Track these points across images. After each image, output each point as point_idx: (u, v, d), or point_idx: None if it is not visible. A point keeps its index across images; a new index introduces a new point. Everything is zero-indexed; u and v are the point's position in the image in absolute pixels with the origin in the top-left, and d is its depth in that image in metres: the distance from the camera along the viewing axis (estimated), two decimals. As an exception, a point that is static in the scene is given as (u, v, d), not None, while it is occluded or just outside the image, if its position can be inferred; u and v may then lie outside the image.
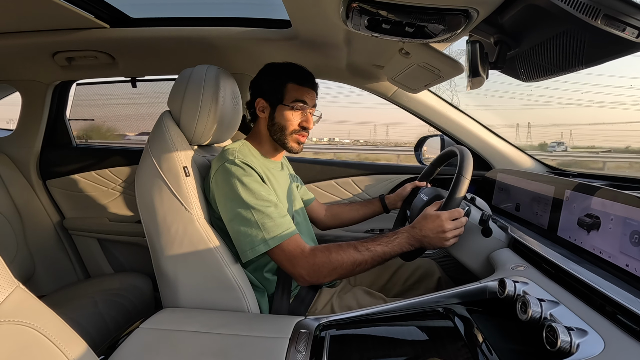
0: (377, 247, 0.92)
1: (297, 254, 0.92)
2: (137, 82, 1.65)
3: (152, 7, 1.30)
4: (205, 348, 0.76)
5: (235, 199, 0.94)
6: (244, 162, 0.97)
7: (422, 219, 0.95)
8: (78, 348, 0.54)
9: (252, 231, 0.92)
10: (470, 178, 0.96)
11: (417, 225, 0.95)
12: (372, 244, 0.93)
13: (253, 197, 0.93)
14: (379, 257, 0.92)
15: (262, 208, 0.93)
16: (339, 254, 0.91)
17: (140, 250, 1.74)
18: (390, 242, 0.94)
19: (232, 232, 0.96)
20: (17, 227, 1.58)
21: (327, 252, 0.92)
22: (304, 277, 0.92)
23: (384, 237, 0.95)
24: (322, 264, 0.91)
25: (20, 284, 0.52)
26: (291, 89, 1.06)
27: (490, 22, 0.73)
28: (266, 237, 0.91)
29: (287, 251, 0.92)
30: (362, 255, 0.91)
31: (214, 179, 0.99)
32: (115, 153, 1.74)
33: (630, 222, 0.69)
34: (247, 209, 0.93)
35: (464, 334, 0.71)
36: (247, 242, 0.92)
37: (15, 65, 1.53)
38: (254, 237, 0.92)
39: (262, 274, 1.04)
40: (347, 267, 0.91)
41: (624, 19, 0.53)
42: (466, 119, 1.52)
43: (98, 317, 1.21)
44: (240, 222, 0.93)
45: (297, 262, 0.92)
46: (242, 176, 0.95)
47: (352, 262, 0.91)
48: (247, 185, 0.94)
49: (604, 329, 0.58)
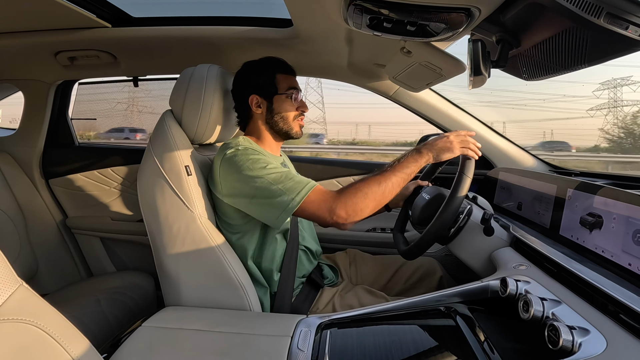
0: (393, 166, 0.97)
1: (327, 197, 0.94)
2: (139, 82, 1.65)
3: (153, 6, 1.31)
4: (208, 346, 0.76)
5: (249, 177, 0.95)
6: (246, 147, 0.99)
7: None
8: (81, 346, 0.54)
9: (278, 196, 0.93)
10: (472, 177, 0.96)
11: (422, 144, 1.00)
12: (387, 169, 0.97)
13: (265, 170, 0.95)
14: (399, 171, 0.96)
15: (277, 174, 0.95)
16: (361, 182, 0.95)
17: (143, 248, 1.74)
18: (401, 159, 0.99)
19: (258, 207, 0.96)
20: (20, 226, 1.59)
21: (349, 186, 0.95)
22: (343, 216, 0.92)
23: (394, 162, 1.00)
24: (352, 194, 0.93)
25: (23, 283, 0.52)
26: (281, 79, 1.10)
27: (492, 20, 0.73)
28: (293, 194, 0.93)
29: (316, 200, 0.94)
30: (382, 176, 0.95)
31: (221, 170, 0.99)
32: (117, 152, 1.74)
33: (632, 221, 0.69)
34: (265, 180, 0.94)
35: (466, 333, 0.71)
36: (277, 207, 0.93)
37: (17, 64, 1.54)
38: (283, 199, 0.92)
39: (270, 270, 1.05)
40: (375, 189, 0.93)
41: (626, 17, 0.52)
42: (468, 118, 1.51)
43: (101, 315, 1.21)
44: (263, 194, 0.94)
45: (332, 204, 0.93)
46: (249, 156, 0.97)
47: (377, 182, 0.94)
48: (257, 162, 0.96)
49: (606, 328, 0.58)
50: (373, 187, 0.93)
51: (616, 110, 19.10)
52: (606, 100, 19.07)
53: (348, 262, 1.31)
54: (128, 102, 1.99)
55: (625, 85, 20.94)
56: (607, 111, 18.48)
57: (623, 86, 21.83)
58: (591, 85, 19.90)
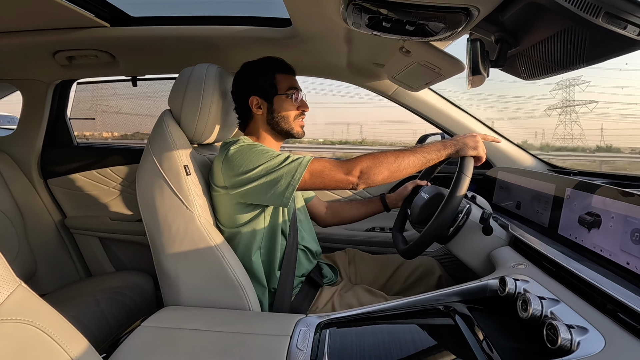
0: (414, 149, 0.97)
1: (336, 161, 0.96)
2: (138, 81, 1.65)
3: (152, 6, 1.30)
4: (207, 346, 0.76)
5: (254, 164, 0.96)
6: (251, 142, 1.01)
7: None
8: (80, 346, 0.54)
9: (284, 167, 0.94)
10: (471, 176, 0.96)
11: (449, 138, 1.01)
12: (408, 148, 0.98)
13: (267, 156, 0.96)
14: (419, 154, 0.96)
15: (279, 157, 0.96)
16: (380, 153, 0.96)
17: (142, 248, 1.74)
18: (425, 145, 0.99)
19: (266, 186, 0.96)
20: (19, 226, 1.58)
21: (364, 154, 0.96)
22: (358, 175, 0.94)
23: (417, 145, 1.00)
24: (367, 158, 0.95)
25: (22, 283, 0.52)
26: (281, 79, 1.10)
27: (491, 20, 0.73)
28: (299, 160, 0.95)
29: (327, 163, 0.96)
30: (401, 152, 0.96)
31: (225, 165, 0.99)
32: (116, 152, 1.74)
33: (631, 220, 0.69)
34: (269, 164, 0.95)
35: (465, 332, 0.72)
36: (281, 184, 0.94)
37: (15, 64, 1.53)
38: (289, 169, 0.94)
39: (270, 268, 1.05)
40: (391, 160, 0.94)
41: (625, 17, 0.52)
42: (467, 117, 1.51)
43: (100, 315, 1.21)
44: (269, 173, 0.95)
45: (346, 164, 0.95)
46: (250, 148, 0.99)
47: (395, 156, 0.95)
48: (259, 151, 0.98)
49: (605, 327, 0.58)
50: (390, 158, 0.94)
51: (569, 110, 19.56)
52: (559, 101, 19.48)
53: (347, 261, 1.31)
54: (91, 102, 1.97)
55: (576, 85, 21.49)
56: (561, 110, 18.81)
57: (575, 86, 22.54)
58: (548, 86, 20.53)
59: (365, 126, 41.11)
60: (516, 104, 51.80)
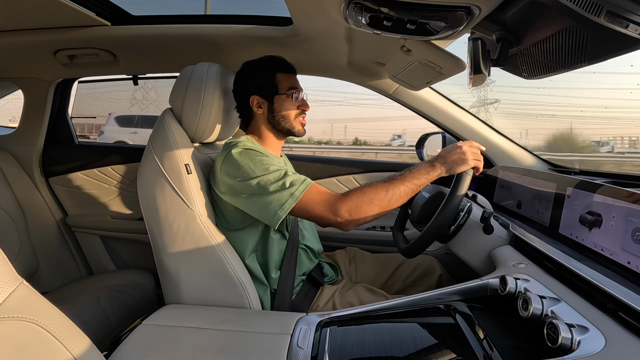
0: (403, 175, 0.95)
1: (329, 198, 0.93)
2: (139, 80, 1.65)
3: (153, 4, 1.31)
4: (208, 344, 0.76)
5: (248, 176, 0.95)
6: (249, 149, 0.99)
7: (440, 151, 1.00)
8: (81, 344, 0.54)
9: (276, 193, 0.93)
10: (471, 175, 0.96)
11: (436, 155, 0.99)
12: (397, 177, 0.95)
13: (266, 170, 0.95)
14: (409, 182, 0.94)
15: (276, 173, 0.95)
16: (369, 187, 0.93)
17: (143, 247, 1.74)
18: (413, 168, 0.97)
19: (257, 205, 0.96)
20: (21, 225, 1.59)
21: (355, 189, 0.94)
22: (346, 218, 0.92)
23: (405, 171, 0.97)
24: (357, 197, 0.92)
25: (23, 281, 0.52)
26: (281, 79, 1.10)
27: (492, 19, 0.73)
28: (292, 190, 0.92)
29: (318, 200, 0.93)
30: (391, 184, 0.93)
31: (223, 168, 0.99)
32: (117, 151, 1.74)
33: (632, 220, 0.69)
34: (263, 179, 0.94)
35: (465, 330, 0.72)
36: (274, 204, 0.93)
37: (17, 63, 1.53)
38: (280, 197, 0.92)
39: (269, 268, 1.05)
40: (382, 195, 0.92)
41: (627, 16, 0.52)
42: (468, 116, 1.51)
43: (101, 313, 1.22)
44: (261, 192, 0.94)
45: (335, 204, 0.92)
46: (252, 156, 0.98)
47: (385, 189, 0.92)
48: (259, 162, 0.96)
49: (605, 326, 0.58)
50: (380, 194, 0.92)
51: (485, 108, 20.00)
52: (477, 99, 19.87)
53: (348, 260, 1.32)
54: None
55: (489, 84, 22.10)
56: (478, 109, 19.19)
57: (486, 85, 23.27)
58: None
59: (350, 125, 41.29)
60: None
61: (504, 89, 11.98)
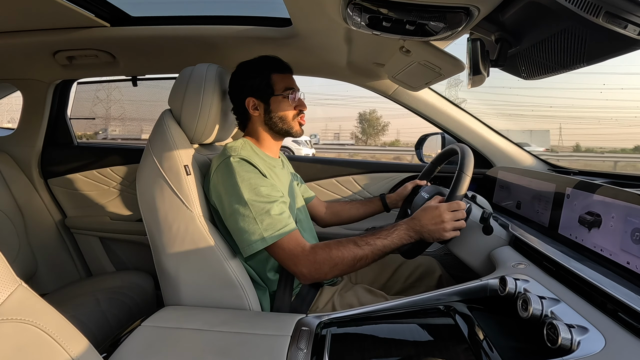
0: (376, 241, 0.93)
1: (297, 252, 0.92)
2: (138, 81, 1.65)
3: (152, 5, 1.30)
4: (207, 346, 0.76)
5: (234, 194, 0.94)
6: (245, 159, 0.97)
7: (421, 211, 0.96)
8: (80, 346, 0.54)
9: (250, 227, 0.92)
10: (471, 176, 0.96)
11: (416, 217, 0.95)
12: (372, 238, 0.93)
13: (252, 194, 0.94)
14: (379, 250, 0.92)
15: (260, 204, 0.93)
16: (340, 250, 0.91)
17: (142, 248, 1.74)
18: (389, 234, 0.94)
19: (231, 228, 0.96)
20: (19, 226, 1.59)
21: (327, 248, 0.92)
22: (305, 275, 0.92)
23: (383, 230, 0.95)
24: (323, 260, 0.91)
25: (22, 283, 0.52)
26: (277, 79, 1.08)
27: (491, 19, 0.73)
28: (264, 234, 0.91)
29: (286, 249, 0.92)
30: (362, 250, 0.91)
31: (215, 176, 0.99)
32: (116, 152, 1.74)
33: (631, 220, 0.69)
34: (245, 206, 0.93)
35: (465, 331, 0.72)
36: (244, 238, 0.92)
37: (16, 64, 1.53)
38: (252, 234, 0.92)
39: (265, 271, 1.04)
40: (348, 262, 0.91)
41: (625, 16, 0.52)
42: (467, 117, 1.51)
43: (100, 315, 1.21)
44: (238, 218, 0.93)
45: (298, 260, 0.92)
46: (243, 172, 0.95)
47: (353, 257, 0.91)
48: (247, 182, 0.94)
49: (605, 327, 0.58)
50: (346, 259, 0.90)
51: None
52: (452, 99, 20.63)
53: (347, 261, 1.31)
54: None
55: (458, 84, 22.62)
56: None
57: (456, 85, 23.92)
58: (442, 85, 22.01)
59: (345, 124, 41.49)
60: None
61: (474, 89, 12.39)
